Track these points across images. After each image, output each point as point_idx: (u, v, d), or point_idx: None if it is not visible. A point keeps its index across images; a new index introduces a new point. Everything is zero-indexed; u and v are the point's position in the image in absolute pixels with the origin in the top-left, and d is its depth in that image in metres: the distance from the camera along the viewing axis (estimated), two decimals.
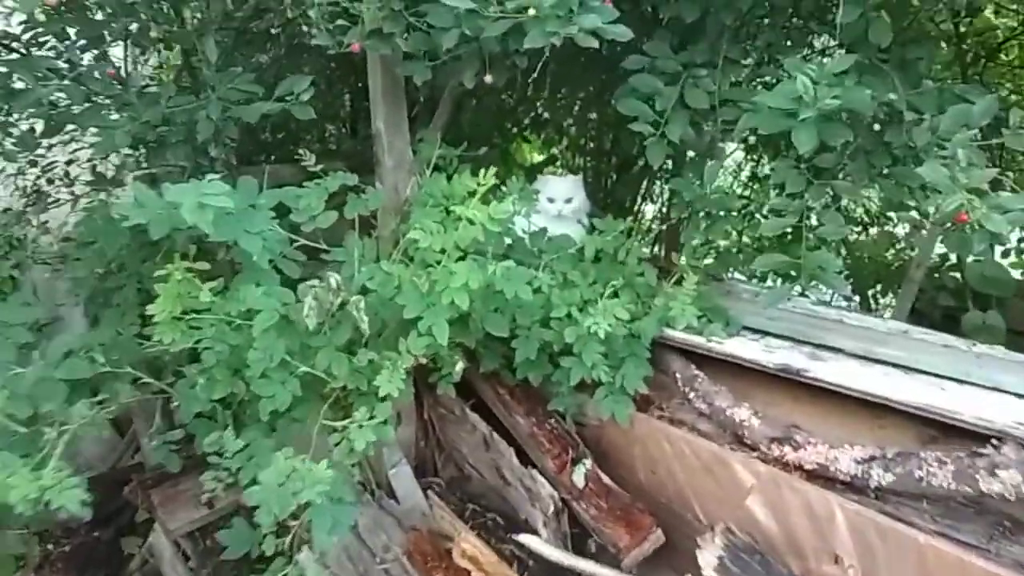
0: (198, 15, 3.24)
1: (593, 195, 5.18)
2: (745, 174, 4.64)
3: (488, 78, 2.49)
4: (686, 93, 2.51)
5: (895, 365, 2.25)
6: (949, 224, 2.59)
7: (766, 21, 2.70)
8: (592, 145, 5.47)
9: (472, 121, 4.79)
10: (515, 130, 5.62)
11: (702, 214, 2.46)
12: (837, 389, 2.18)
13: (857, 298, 3.93)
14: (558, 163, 5.76)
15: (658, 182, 5.03)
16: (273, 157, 5.26)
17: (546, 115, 5.53)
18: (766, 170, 4.65)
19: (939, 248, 3.60)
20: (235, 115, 2.59)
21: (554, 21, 2.07)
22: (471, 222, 2.20)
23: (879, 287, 3.79)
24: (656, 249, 5.36)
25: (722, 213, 2.42)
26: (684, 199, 2.47)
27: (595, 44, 2.03)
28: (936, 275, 3.64)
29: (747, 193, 4.40)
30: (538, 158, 6.07)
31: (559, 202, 3.03)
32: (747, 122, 2.45)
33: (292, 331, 2.27)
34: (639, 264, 2.65)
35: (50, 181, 3.66)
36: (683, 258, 2.68)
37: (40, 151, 3.38)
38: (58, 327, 3.43)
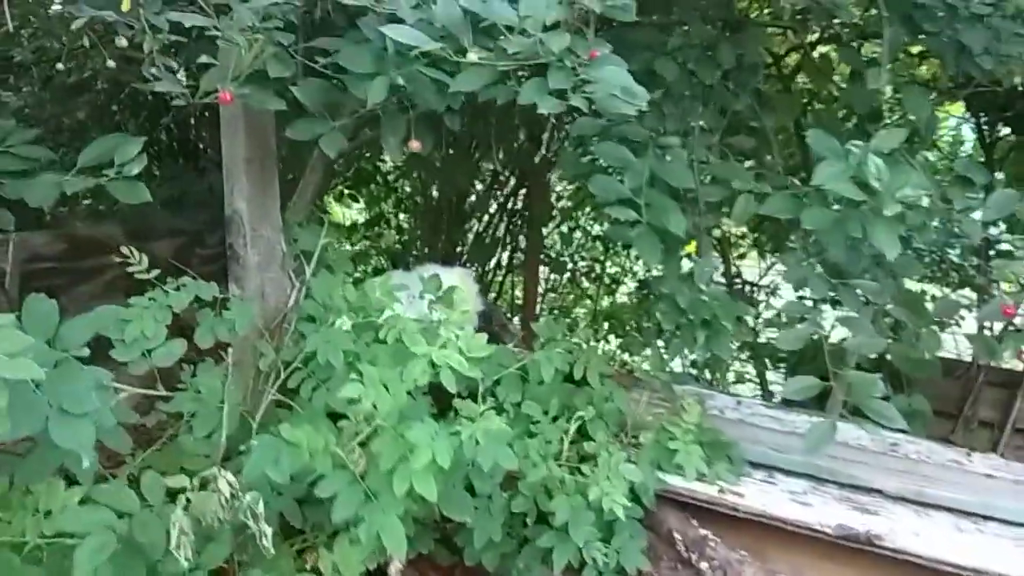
0: None
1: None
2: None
3: (415, 145, 1.77)
4: (662, 168, 1.95)
5: (959, 512, 1.83)
6: None
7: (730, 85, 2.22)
8: (422, 201, 4.80)
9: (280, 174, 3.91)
10: (337, 187, 4.79)
11: (698, 322, 1.90)
12: (924, 563, 1.69)
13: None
14: (383, 223, 5.04)
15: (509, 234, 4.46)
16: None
17: (370, 167, 4.78)
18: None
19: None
20: (10, 194, 1.64)
21: (560, 73, 1.42)
22: (434, 365, 1.46)
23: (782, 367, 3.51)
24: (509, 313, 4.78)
25: (726, 323, 1.88)
26: (674, 305, 1.90)
27: (627, 110, 1.40)
28: None
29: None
30: (356, 216, 5.29)
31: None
32: (748, 207, 1.94)
33: (136, 559, 1.37)
34: (603, 383, 2.03)
35: None
36: (647, 367, 2.11)
37: None
38: None
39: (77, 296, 3.10)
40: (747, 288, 4.02)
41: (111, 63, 1.84)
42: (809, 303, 2.02)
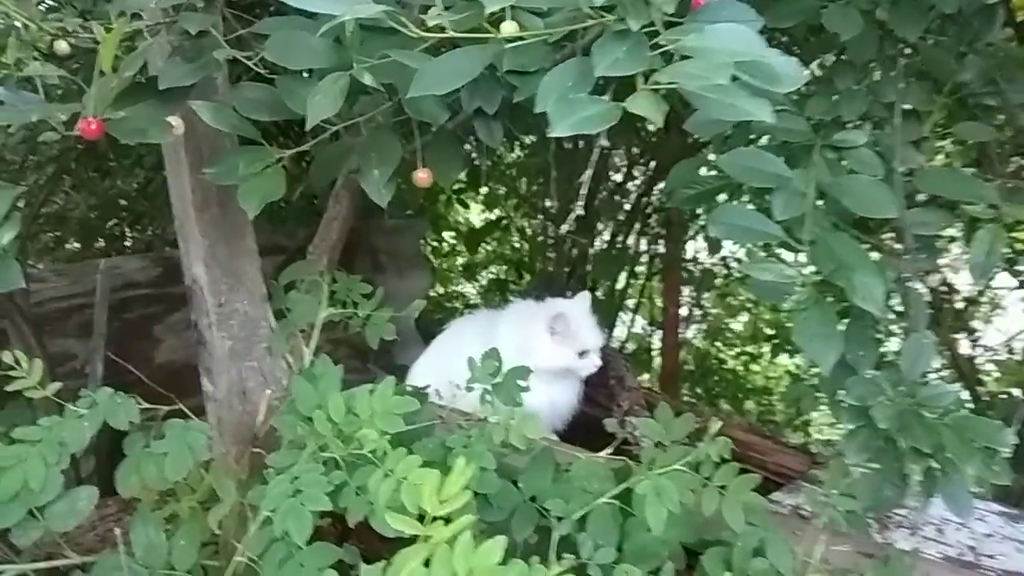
0: None
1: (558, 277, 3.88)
2: None
3: (422, 177, 1.11)
4: (838, 185, 1.18)
5: None
6: None
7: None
8: (550, 203, 4.11)
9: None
10: (449, 186, 4.19)
11: (909, 450, 1.12)
12: None
13: None
14: (504, 224, 4.40)
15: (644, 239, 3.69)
16: None
17: (487, 164, 4.15)
18: None
19: None
20: None
21: (616, 47, 0.71)
22: None
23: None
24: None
25: (962, 460, 1.07)
26: (865, 420, 1.13)
27: (758, 112, 0.68)
28: None
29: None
30: (473, 216, 4.69)
31: (593, 354, 1.79)
32: (995, 246, 1.13)
33: None
34: (750, 520, 1.28)
35: None
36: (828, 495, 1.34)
37: None
38: None
39: (172, 324, 2.90)
40: (958, 303, 3.06)
41: None
42: None
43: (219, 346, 1.35)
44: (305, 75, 1.02)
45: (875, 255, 1.28)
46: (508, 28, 0.83)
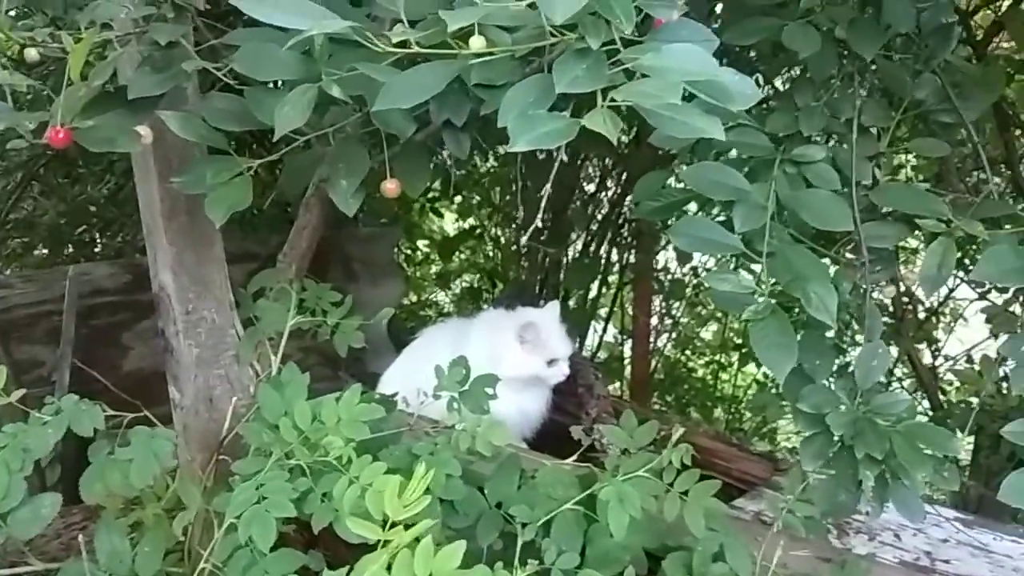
0: None
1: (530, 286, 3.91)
2: None
3: (390, 188, 1.12)
4: (797, 199, 1.22)
5: None
6: None
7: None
8: (523, 212, 4.14)
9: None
10: (423, 195, 4.20)
11: (864, 457, 1.15)
12: None
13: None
14: (477, 233, 4.42)
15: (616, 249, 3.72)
16: None
17: (460, 173, 4.16)
18: None
19: None
20: None
21: (576, 64, 0.73)
22: None
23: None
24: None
25: (914, 467, 1.11)
26: (820, 427, 1.15)
27: (710, 130, 0.70)
28: None
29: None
30: (447, 224, 4.70)
31: (562, 362, 1.84)
32: (947, 259, 1.17)
33: None
34: (711, 525, 1.31)
35: None
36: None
37: None
38: None
39: (140, 332, 2.84)
40: (921, 313, 3.12)
41: None
42: None
43: (186, 354, 1.35)
44: (278, 85, 1.04)
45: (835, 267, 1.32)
46: (476, 43, 0.85)
